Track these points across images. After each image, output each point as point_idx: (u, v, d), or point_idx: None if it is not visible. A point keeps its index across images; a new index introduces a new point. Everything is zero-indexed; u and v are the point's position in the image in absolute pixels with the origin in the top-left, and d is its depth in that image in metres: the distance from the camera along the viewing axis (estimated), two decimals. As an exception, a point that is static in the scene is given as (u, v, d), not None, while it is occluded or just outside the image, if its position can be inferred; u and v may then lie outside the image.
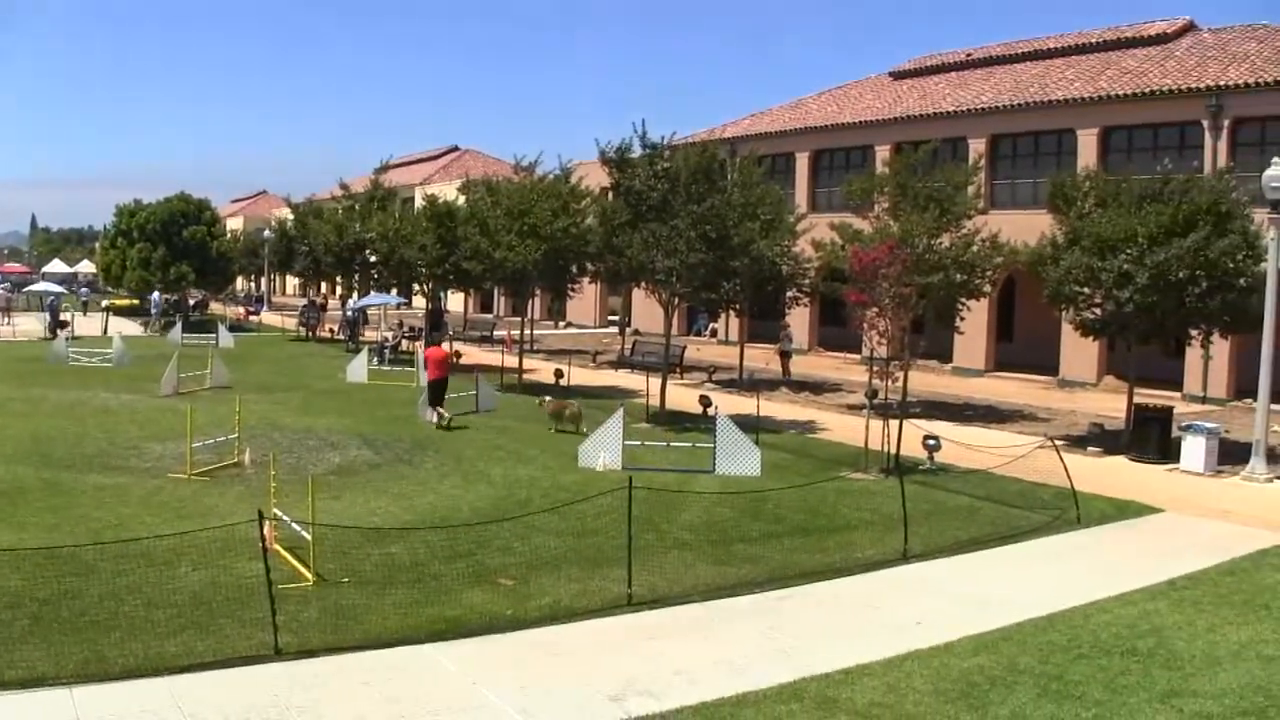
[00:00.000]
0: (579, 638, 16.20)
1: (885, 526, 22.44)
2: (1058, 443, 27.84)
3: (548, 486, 25.87)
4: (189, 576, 18.34)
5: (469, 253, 46.93)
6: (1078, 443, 33.13)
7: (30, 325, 75.77)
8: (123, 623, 16.22)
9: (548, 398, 37.91)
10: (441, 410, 35.05)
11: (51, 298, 75.25)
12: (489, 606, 17.22)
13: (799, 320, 57.63)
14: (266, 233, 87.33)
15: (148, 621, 16.29)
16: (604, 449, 28.00)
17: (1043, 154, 52.71)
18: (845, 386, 46.44)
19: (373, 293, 67.73)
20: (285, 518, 19.87)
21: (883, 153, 56.35)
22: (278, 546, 19.17)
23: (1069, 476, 24.92)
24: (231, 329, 65.91)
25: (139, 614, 16.60)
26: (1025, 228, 38.71)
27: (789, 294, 45.75)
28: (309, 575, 18.26)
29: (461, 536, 20.51)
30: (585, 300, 72.13)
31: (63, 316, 70.27)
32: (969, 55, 64.05)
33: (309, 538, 18.67)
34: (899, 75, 67.10)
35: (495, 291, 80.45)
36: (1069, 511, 24.29)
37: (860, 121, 61.83)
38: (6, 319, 79.88)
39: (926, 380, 45.12)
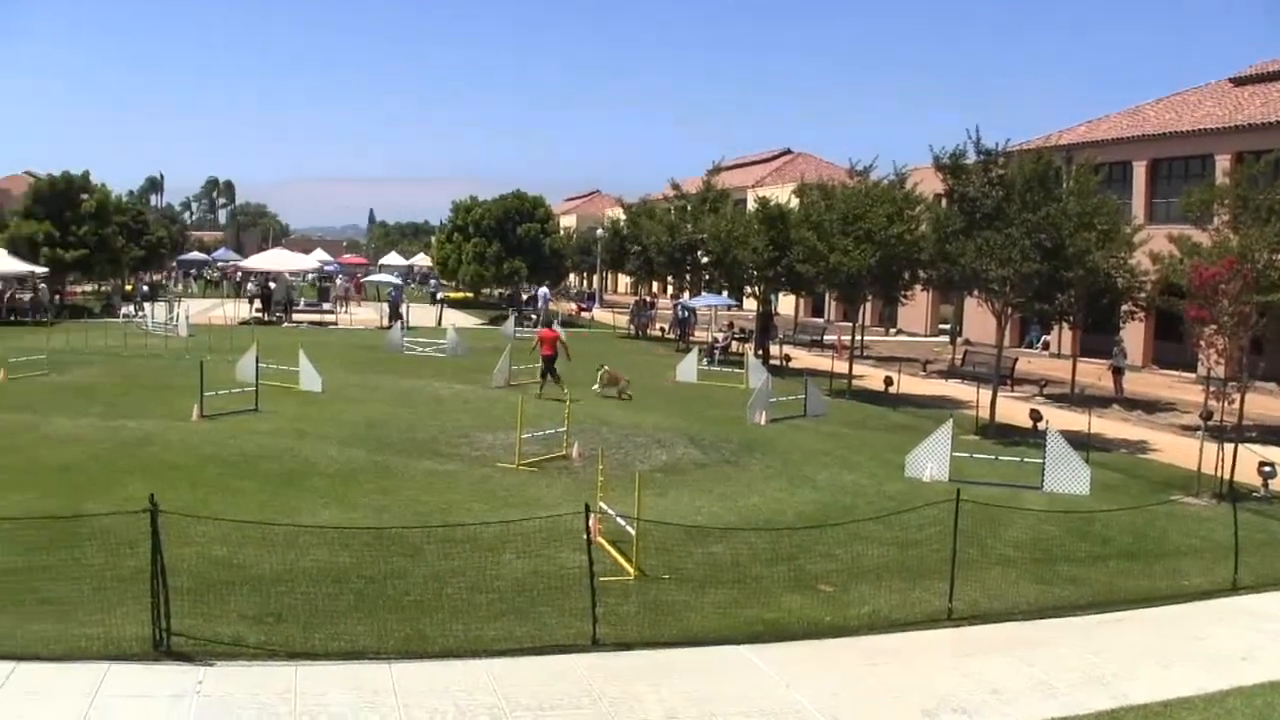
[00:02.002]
0: (896, 649, 16.12)
1: (1215, 555, 21.58)
2: None
3: (872, 495, 25.75)
4: (512, 564, 18.87)
5: (802, 255, 46.89)
6: None
7: (367, 315, 78.63)
8: (445, 604, 16.81)
9: (606, 366, 42.51)
10: (556, 383, 39.24)
11: (394, 290, 77.75)
12: (807, 612, 17.27)
13: (1133, 335, 55.89)
14: (599, 231, 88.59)
15: (469, 605, 16.84)
16: (931, 460, 27.73)
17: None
18: (1179, 406, 44.83)
19: (704, 293, 68.22)
20: (611, 511, 20.23)
21: (1223, 162, 54.13)
22: (602, 539, 19.52)
23: None
24: (563, 324, 67.13)
25: (461, 597, 17.18)
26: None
27: (1124, 308, 44.45)
28: (631, 569, 18.58)
29: (784, 540, 20.60)
30: (917, 307, 71.48)
31: (401, 309, 72.61)
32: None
33: (633, 533, 18.95)
34: (1240, 81, 64.57)
35: (826, 296, 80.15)
36: None
37: (1199, 129, 59.72)
38: (346, 308, 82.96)
39: (1264, 403, 43.36)
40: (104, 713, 13.00)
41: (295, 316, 76.32)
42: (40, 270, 72.14)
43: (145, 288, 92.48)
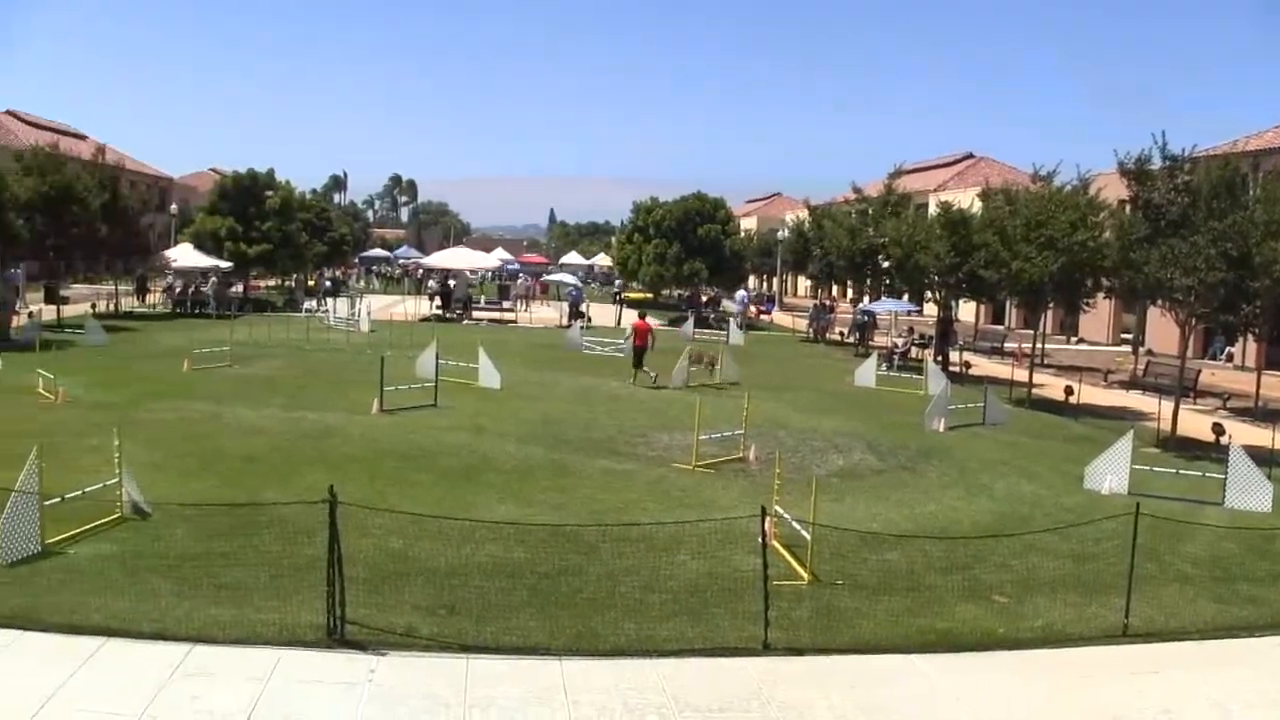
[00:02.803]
0: (1068, 663, 15.81)
1: None
2: None
3: (1050, 506, 25.32)
4: (686, 565, 18.85)
5: (984, 261, 46.34)
6: None
7: (547, 313, 79.33)
8: (618, 603, 16.88)
9: (691, 347, 45.48)
10: (647, 370, 42.83)
11: (574, 290, 78.27)
12: (980, 623, 17.04)
13: (1323, 348, 54.56)
14: (780, 233, 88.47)
15: (642, 604, 16.89)
16: (1110, 472, 27.22)
17: None
18: (1373, 423, 43.71)
19: (884, 298, 67.80)
20: (786, 515, 20.16)
21: None
22: (776, 543, 19.49)
23: None
24: (743, 327, 67.05)
25: (634, 596, 17.22)
26: None
27: (1313, 320, 43.32)
28: (804, 574, 18.49)
29: (959, 549, 20.37)
30: (1098, 316, 70.20)
31: (581, 308, 73.07)
32: None
33: (808, 537, 18.88)
34: None
35: (1007, 303, 79.19)
36: None
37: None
38: (526, 307, 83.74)
39: None
40: (277, 697, 13.25)
41: (475, 314, 77.21)
42: (224, 265, 73.91)
43: (328, 283, 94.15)
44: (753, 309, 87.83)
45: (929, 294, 61.69)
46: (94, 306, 68.43)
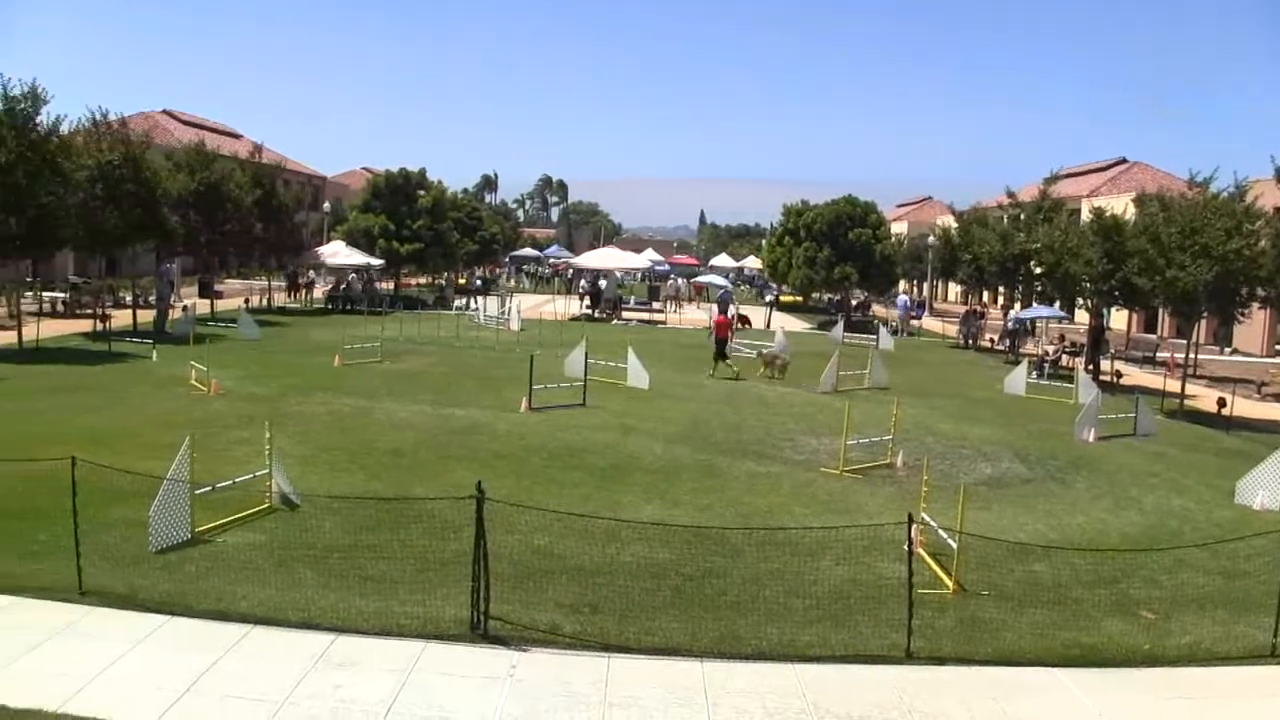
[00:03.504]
0: (1213, 683, 15.46)
1: None
2: None
3: (1200, 520, 24.78)
4: (831, 570, 18.73)
5: (1137, 269, 45.58)
6: None
7: (697, 314, 79.47)
8: (761, 606, 16.87)
9: (763, 350, 48.31)
10: (729, 363, 45.19)
11: (723, 291, 78.27)
12: (1126, 639, 16.73)
13: None
14: (930, 239, 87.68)
15: (785, 609, 16.86)
16: (1263, 487, 26.63)
17: None
18: None
19: (1035, 305, 67.01)
20: (932, 523, 19.99)
21: None
22: (922, 551, 19.35)
23: None
24: (892, 333, 66.65)
25: (778, 600, 17.19)
26: None
27: None
28: (949, 583, 18.34)
29: (1106, 562, 20.08)
30: (1253, 326, 68.69)
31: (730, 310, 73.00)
32: None
33: (954, 546, 18.71)
34: None
35: (1159, 312, 77.88)
36: None
37: None
38: (676, 308, 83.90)
39: None
40: (418, 689, 13.43)
41: (624, 314, 77.44)
42: (376, 262, 74.96)
43: (478, 281, 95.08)
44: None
45: (1080, 301, 60.79)
46: (247, 301, 69.83)
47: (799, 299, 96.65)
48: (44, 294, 63.67)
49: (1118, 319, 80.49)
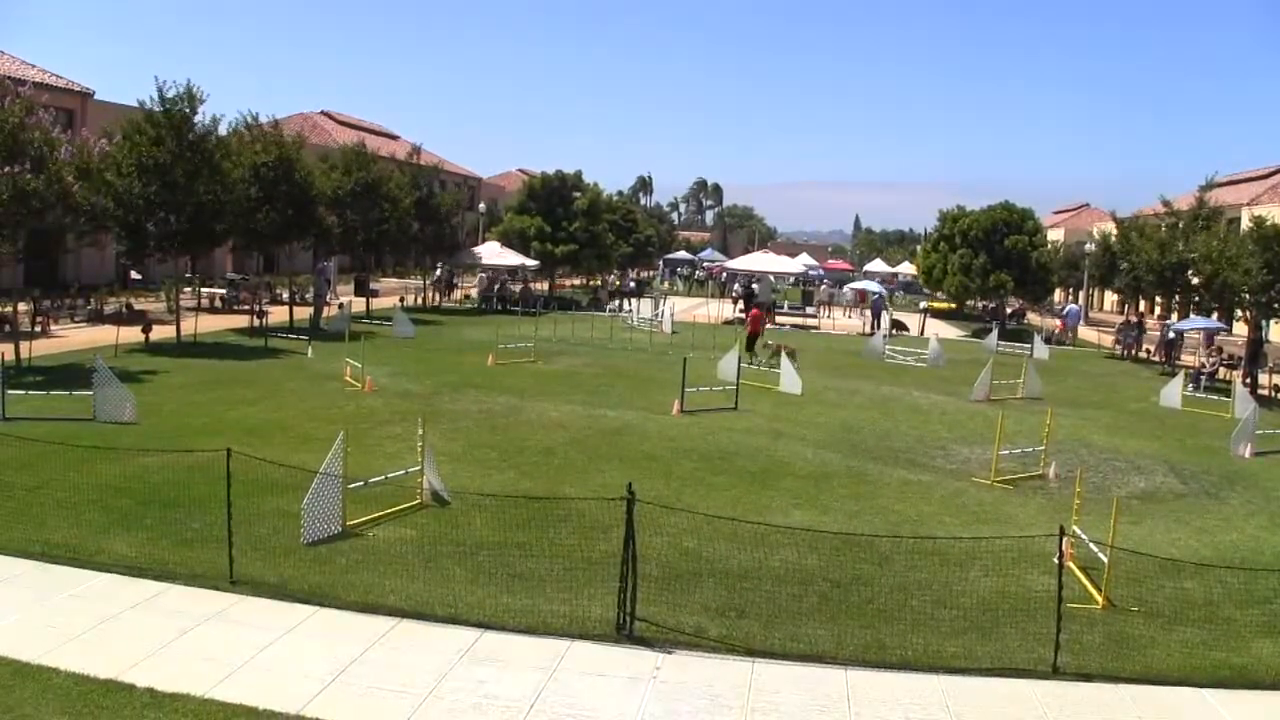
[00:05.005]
0: (1372, 708, 15.17)
1: None
2: None
3: (1360, 540, 24.30)
4: (979, 581, 18.62)
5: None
6: None
7: (850, 320, 79.18)
8: (907, 615, 16.81)
9: (770, 341, 50.34)
10: (757, 355, 47.78)
11: (877, 297, 77.92)
12: (1278, 660, 16.44)
13: None
14: (1088, 246, 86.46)
15: (932, 619, 16.77)
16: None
17: None
18: None
19: (1192, 315, 65.85)
20: (1083, 536, 19.73)
21: None
22: (1072, 564, 19.14)
23: None
24: (1046, 341, 65.87)
25: (925, 610, 17.11)
26: None
27: None
28: (1099, 598, 18.09)
29: (1260, 581, 19.63)
30: None
31: (884, 316, 72.60)
32: None
33: (1105, 560, 18.45)
34: None
35: (1322, 324, 76.21)
36: None
37: None
38: (830, 313, 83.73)
39: None
40: (562, 686, 13.57)
41: (777, 319, 77.23)
42: (531, 263, 75.62)
43: (632, 283, 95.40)
44: (1057, 323, 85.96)
45: (1239, 312, 59.61)
46: (402, 300, 70.74)
47: (952, 305, 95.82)
48: (202, 290, 65.13)
49: (1277, 331, 78.91)
